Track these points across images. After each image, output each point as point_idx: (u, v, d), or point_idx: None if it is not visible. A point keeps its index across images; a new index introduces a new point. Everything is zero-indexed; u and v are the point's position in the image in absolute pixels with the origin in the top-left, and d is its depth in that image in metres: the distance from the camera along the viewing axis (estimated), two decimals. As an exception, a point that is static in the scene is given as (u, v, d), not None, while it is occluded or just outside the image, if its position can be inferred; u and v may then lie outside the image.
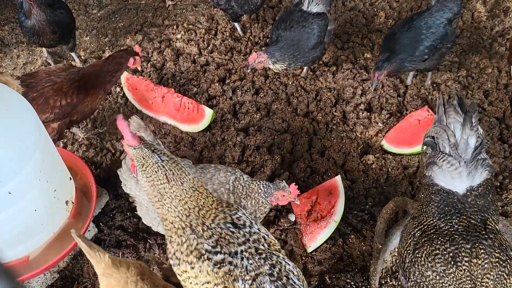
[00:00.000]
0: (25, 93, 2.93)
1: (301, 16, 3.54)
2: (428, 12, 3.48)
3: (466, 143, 2.18)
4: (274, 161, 3.40)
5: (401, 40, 3.42)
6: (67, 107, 3.04)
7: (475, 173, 2.17)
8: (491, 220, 2.13)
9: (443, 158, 2.20)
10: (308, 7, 3.57)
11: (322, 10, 3.58)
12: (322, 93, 3.86)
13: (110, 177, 3.33)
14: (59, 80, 3.04)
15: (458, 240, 2.06)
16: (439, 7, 3.46)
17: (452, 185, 2.21)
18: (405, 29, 3.44)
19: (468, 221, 2.12)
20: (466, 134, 2.18)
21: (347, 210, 3.12)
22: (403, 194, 3.24)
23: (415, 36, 3.41)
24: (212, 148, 3.50)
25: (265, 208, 2.66)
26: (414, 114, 3.57)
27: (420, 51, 3.40)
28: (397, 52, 3.38)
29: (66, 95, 3.01)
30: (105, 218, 3.11)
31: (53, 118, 3.05)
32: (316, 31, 3.51)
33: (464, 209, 2.16)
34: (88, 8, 4.66)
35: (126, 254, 2.93)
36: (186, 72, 4.03)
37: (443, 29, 3.41)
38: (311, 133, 3.60)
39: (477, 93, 3.80)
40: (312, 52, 3.57)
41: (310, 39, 3.51)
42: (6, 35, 4.40)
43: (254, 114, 3.71)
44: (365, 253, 2.96)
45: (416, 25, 3.43)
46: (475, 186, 2.18)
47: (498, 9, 4.45)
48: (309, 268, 2.93)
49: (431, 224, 2.20)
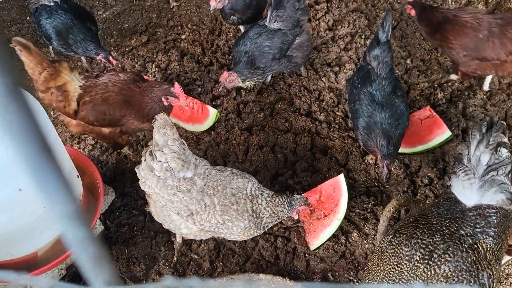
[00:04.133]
0: (80, 96, 2.97)
1: (260, 31, 3.52)
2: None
3: (477, 160, 2.24)
4: (277, 160, 3.44)
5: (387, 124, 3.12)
6: (112, 118, 3.01)
7: (487, 190, 2.20)
8: (482, 244, 2.14)
9: (461, 168, 2.29)
10: (269, 22, 3.53)
11: (282, 27, 3.53)
12: (324, 93, 3.91)
13: (116, 176, 3.38)
14: (112, 89, 2.99)
15: (437, 238, 2.13)
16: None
17: (463, 195, 2.27)
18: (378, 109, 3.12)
19: (457, 229, 2.17)
20: (479, 151, 2.24)
21: (350, 209, 3.16)
22: (405, 193, 3.28)
23: (393, 115, 3.14)
24: (217, 147, 3.55)
25: (279, 220, 2.83)
26: (416, 114, 3.61)
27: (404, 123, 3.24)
28: (393, 138, 3.08)
29: (110, 107, 2.98)
30: (112, 216, 3.16)
31: (101, 124, 3.05)
32: (276, 44, 3.50)
33: (460, 219, 2.21)
34: (93, 9, 4.71)
35: (133, 251, 2.98)
36: (191, 72, 4.08)
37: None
38: (314, 133, 3.65)
39: (479, 93, 3.83)
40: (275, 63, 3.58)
41: (268, 53, 3.51)
42: (12, 36, 4.45)
43: (258, 113, 3.75)
44: (368, 251, 3.00)
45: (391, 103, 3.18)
46: (483, 204, 2.21)
47: (500, 10, 4.48)
48: (312, 265, 2.97)
49: (425, 218, 2.28)
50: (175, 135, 2.43)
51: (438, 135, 3.47)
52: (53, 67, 2.97)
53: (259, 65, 3.52)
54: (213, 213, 2.57)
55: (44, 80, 2.96)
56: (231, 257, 3.00)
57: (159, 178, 2.49)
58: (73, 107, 3.00)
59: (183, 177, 2.51)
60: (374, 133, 3.05)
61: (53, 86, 2.97)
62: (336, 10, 4.48)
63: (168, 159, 2.45)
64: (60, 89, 2.98)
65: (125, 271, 2.91)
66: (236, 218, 2.60)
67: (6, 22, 4.54)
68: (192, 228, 2.66)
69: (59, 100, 2.99)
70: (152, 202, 2.69)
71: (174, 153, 2.45)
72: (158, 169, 2.47)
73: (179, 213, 2.58)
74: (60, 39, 3.70)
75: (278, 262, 3.00)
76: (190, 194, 2.52)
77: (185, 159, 2.49)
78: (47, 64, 2.96)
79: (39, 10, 3.77)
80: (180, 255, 3.00)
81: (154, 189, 2.55)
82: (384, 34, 3.10)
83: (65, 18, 3.67)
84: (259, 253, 3.02)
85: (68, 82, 2.99)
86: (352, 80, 3.34)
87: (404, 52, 4.18)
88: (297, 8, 3.49)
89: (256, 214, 2.64)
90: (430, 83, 3.92)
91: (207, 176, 2.59)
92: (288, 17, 3.49)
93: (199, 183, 2.54)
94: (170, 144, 2.43)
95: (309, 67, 4.08)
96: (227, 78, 3.45)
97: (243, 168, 3.40)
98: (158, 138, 2.42)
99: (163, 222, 2.72)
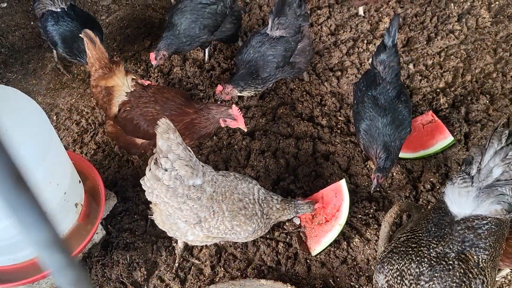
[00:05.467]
0: (123, 103, 3.00)
1: (262, 39, 3.50)
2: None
3: (489, 171, 2.12)
4: (279, 165, 3.44)
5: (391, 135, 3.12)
6: (146, 134, 3.01)
7: (483, 200, 2.12)
8: (472, 254, 2.11)
9: (460, 175, 2.20)
10: (271, 30, 3.53)
11: (285, 34, 3.53)
12: (327, 98, 3.90)
13: (118, 180, 3.39)
14: (153, 106, 2.98)
15: (424, 266, 2.11)
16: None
17: (457, 203, 2.19)
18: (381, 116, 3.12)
19: (444, 249, 2.14)
20: (494, 162, 2.11)
21: (352, 214, 3.15)
22: (407, 199, 3.26)
23: (394, 121, 3.14)
24: (219, 152, 3.55)
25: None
26: (418, 119, 3.60)
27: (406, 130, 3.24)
28: (393, 153, 3.09)
29: (146, 122, 2.97)
30: (113, 221, 3.17)
31: (135, 136, 3.09)
32: (279, 52, 3.50)
33: (448, 235, 2.16)
34: (97, 14, 4.74)
35: (134, 256, 2.98)
36: (193, 77, 4.09)
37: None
38: (316, 138, 3.64)
39: (482, 98, 3.82)
40: (278, 71, 3.57)
41: (272, 61, 3.51)
42: (16, 41, 4.49)
43: (260, 118, 3.76)
44: (370, 257, 2.99)
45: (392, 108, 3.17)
46: (475, 215, 2.14)
47: (503, 15, 4.47)
48: (313, 271, 2.96)
49: (415, 237, 2.25)
50: (178, 139, 2.39)
51: (440, 140, 3.46)
52: (109, 67, 3.03)
53: (263, 74, 3.51)
54: (222, 220, 2.57)
55: (97, 77, 3.04)
56: (232, 262, 2.99)
57: (168, 187, 2.46)
58: (114, 111, 3.04)
59: (193, 184, 2.49)
60: (375, 141, 3.05)
61: (103, 85, 3.04)
62: (338, 15, 4.49)
63: (176, 167, 2.41)
64: (107, 90, 3.03)
65: (126, 276, 2.91)
66: (245, 223, 2.60)
67: (10, 27, 4.57)
68: (198, 235, 2.65)
69: (104, 101, 3.06)
70: (158, 211, 2.66)
71: (181, 160, 2.41)
72: (167, 178, 2.43)
73: (187, 221, 2.56)
74: (66, 46, 3.73)
75: (280, 268, 2.99)
76: (200, 201, 2.51)
77: (193, 166, 2.47)
78: (106, 63, 3.03)
79: (45, 16, 3.79)
80: (181, 260, 3.00)
81: (163, 199, 2.51)
82: (390, 39, 3.10)
83: (71, 25, 3.70)
84: (260, 258, 3.02)
85: (117, 86, 3.02)
86: (358, 83, 3.34)
87: (406, 57, 4.17)
88: (298, 14, 3.49)
89: (266, 216, 2.69)
90: (432, 88, 3.92)
91: (215, 182, 2.58)
92: (290, 24, 3.49)
93: (208, 190, 2.53)
94: (174, 148, 2.38)
95: (311, 72, 4.08)
96: (222, 91, 3.44)
97: (244, 173, 3.40)
98: (161, 144, 2.37)
99: (169, 230, 2.70)
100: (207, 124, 2.99)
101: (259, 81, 3.50)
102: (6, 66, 4.25)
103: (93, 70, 3.06)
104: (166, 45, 3.67)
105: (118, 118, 3.05)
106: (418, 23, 4.44)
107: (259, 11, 4.65)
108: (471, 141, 3.56)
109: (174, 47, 3.70)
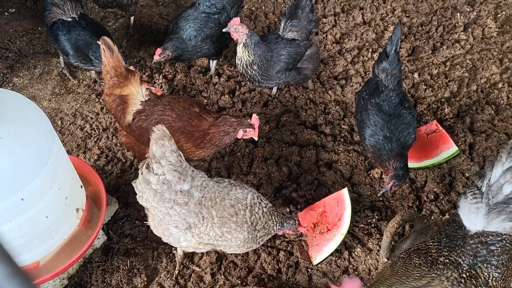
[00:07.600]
0: (137, 111, 2.98)
1: (275, 40, 3.55)
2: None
3: (499, 188, 2.06)
4: (281, 173, 3.43)
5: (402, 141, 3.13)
6: None
7: (494, 218, 2.07)
8: (483, 271, 2.06)
9: (471, 190, 2.17)
10: (283, 32, 3.57)
11: (297, 37, 3.57)
12: (331, 106, 3.90)
13: (120, 186, 3.39)
14: (169, 114, 2.94)
15: (430, 275, 2.08)
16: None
17: (468, 219, 2.16)
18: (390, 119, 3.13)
19: (456, 259, 2.10)
20: (504, 179, 2.05)
21: (354, 223, 3.13)
22: (410, 209, 3.24)
23: (400, 125, 3.15)
24: (221, 159, 3.55)
25: (269, 235, 2.82)
26: (422, 129, 3.58)
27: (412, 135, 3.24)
28: (405, 157, 3.10)
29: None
30: (115, 226, 3.16)
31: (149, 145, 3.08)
32: (284, 57, 3.53)
33: (460, 248, 2.12)
34: (104, 20, 4.78)
35: (135, 262, 2.98)
36: (197, 84, 4.10)
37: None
38: (319, 146, 3.63)
39: (487, 109, 3.79)
40: (279, 75, 3.59)
41: (284, 61, 3.54)
42: (23, 46, 4.53)
43: (263, 126, 3.75)
44: (371, 267, 2.96)
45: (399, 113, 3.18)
46: (486, 231, 2.10)
47: (509, 25, 4.46)
48: (314, 280, 2.94)
49: (427, 246, 2.22)
50: (173, 147, 2.41)
51: (444, 150, 3.44)
52: (124, 76, 3.00)
53: (270, 72, 3.54)
54: (212, 226, 2.55)
55: (112, 85, 3.01)
56: (232, 270, 2.98)
57: (156, 191, 2.48)
58: (128, 120, 3.01)
59: (180, 189, 2.49)
60: (384, 148, 3.05)
61: (118, 93, 3.01)
62: (343, 24, 4.49)
63: (164, 171, 2.43)
64: (122, 99, 3.01)
65: (126, 282, 2.90)
66: (236, 230, 2.58)
67: (18, 32, 4.61)
68: (191, 241, 2.64)
69: (118, 110, 3.02)
70: (151, 216, 2.68)
71: (171, 165, 2.42)
72: (155, 182, 2.45)
73: (177, 226, 2.57)
74: (79, 55, 3.77)
75: (280, 276, 2.97)
76: (188, 207, 2.51)
77: (182, 171, 2.47)
78: (121, 71, 2.99)
79: (56, 25, 3.83)
80: (181, 267, 2.99)
81: (151, 203, 2.53)
82: (392, 47, 3.10)
83: (83, 34, 3.75)
84: (261, 267, 3.00)
85: (131, 95, 3.00)
86: (360, 92, 3.34)
87: (411, 66, 4.16)
88: (310, 19, 3.55)
89: (253, 226, 2.64)
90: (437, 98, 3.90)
91: (204, 188, 2.57)
92: (303, 27, 3.55)
93: (196, 195, 2.53)
94: (168, 155, 2.40)
95: (315, 80, 4.08)
96: (236, 26, 3.35)
97: (246, 180, 3.39)
98: (155, 150, 2.39)
99: (162, 235, 2.71)
100: (224, 135, 2.95)
101: (262, 48, 3.44)
102: (12, 71, 4.29)
103: (107, 78, 3.02)
104: (173, 46, 3.74)
105: (132, 127, 3.01)
106: (424, 32, 4.43)
107: (264, 18, 4.67)
108: (476, 151, 3.53)
109: (179, 51, 3.75)
